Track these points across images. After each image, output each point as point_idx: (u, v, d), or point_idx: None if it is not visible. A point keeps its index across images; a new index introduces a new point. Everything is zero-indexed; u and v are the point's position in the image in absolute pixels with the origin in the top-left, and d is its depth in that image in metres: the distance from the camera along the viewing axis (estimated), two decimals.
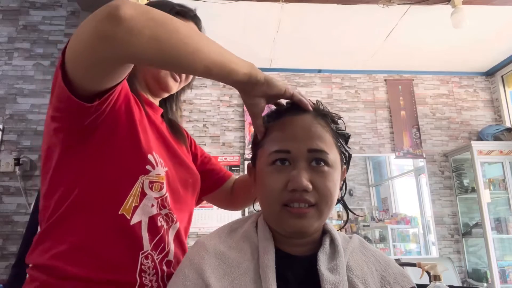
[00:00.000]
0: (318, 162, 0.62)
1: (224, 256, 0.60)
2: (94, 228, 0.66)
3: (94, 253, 0.64)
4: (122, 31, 0.50)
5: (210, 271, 0.57)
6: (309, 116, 0.65)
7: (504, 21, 3.26)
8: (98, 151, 0.67)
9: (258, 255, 0.61)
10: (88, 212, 0.66)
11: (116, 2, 0.51)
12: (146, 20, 0.52)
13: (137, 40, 0.52)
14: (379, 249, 0.92)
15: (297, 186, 0.59)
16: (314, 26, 3.32)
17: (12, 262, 2.17)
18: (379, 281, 0.62)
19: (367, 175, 4.59)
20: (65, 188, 0.67)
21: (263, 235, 0.63)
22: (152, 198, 0.70)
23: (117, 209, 0.67)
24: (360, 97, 4.14)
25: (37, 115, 2.72)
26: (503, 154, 3.65)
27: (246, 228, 0.67)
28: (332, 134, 0.65)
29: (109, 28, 0.50)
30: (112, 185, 0.67)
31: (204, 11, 2.99)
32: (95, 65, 0.56)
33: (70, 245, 0.64)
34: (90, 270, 0.63)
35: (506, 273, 3.42)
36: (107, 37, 0.51)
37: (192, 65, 0.57)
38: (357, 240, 0.69)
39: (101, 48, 0.53)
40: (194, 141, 1.00)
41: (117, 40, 0.51)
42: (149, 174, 0.70)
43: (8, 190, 2.57)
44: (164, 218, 0.73)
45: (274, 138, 0.64)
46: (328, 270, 0.59)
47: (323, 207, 0.61)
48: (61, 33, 2.87)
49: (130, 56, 0.54)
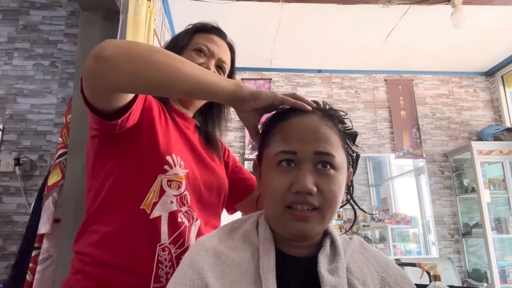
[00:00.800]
0: (324, 165, 0.61)
1: (224, 256, 0.60)
2: (120, 221, 0.75)
3: (119, 243, 0.74)
4: (104, 68, 0.61)
5: (210, 271, 0.57)
6: (316, 116, 0.64)
7: (504, 21, 3.26)
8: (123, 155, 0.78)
9: (258, 255, 0.60)
10: (115, 207, 0.76)
11: (102, 44, 0.62)
12: (126, 58, 0.61)
13: (118, 75, 0.62)
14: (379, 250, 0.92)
15: (302, 189, 0.58)
16: (314, 26, 3.32)
17: (12, 262, 2.17)
18: (379, 283, 0.62)
19: (367, 175, 4.59)
20: (98, 187, 0.78)
21: (263, 235, 0.63)
22: (171, 195, 0.78)
23: (139, 204, 0.75)
24: (360, 97, 4.14)
25: (37, 115, 2.72)
26: (503, 154, 3.65)
27: (247, 228, 0.67)
28: (340, 135, 0.64)
29: (94, 66, 0.62)
30: (134, 183, 0.76)
31: (204, 11, 3.00)
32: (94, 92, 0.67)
33: (101, 235, 0.75)
34: (114, 257, 0.73)
35: (506, 273, 3.42)
36: (94, 72, 0.63)
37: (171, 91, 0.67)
38: (357, 241, 0.69)
39: (92, 80, 0.65)
40: (228, 151, 1.08)
41: (102, 75, 0.62)
42: (167, 173, 0.77)
43: (8, 190, 2.57)
44: (185, 215, 0.79)
45: (281, 138, 0.63)
46: (328, 272, 0.59)
47: (326, 211, 0.60)
48: (61, 33, 2.87)
49: (116, 87, 0.65)
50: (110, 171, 0.78)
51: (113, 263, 0.72)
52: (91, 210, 0.78)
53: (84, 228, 0.79)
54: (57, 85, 2.77)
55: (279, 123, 0.66)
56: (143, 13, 1.81)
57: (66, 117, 1.87)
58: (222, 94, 0.65)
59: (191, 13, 3.08)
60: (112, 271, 0.72)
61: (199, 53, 0.92)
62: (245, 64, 3.90)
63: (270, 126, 0.67)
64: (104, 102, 0.69)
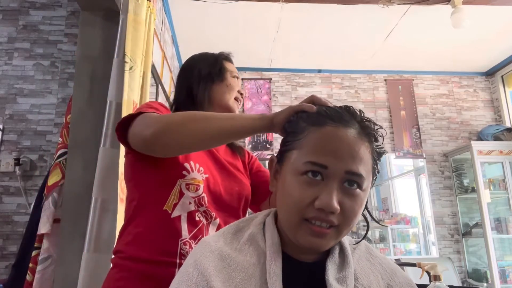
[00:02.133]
0: (351, 183, 0.58)
1: (229, 259, 0.59)
2: (147, 221, 0.88)
3: (147, 240, 0.86)
4: (157, 148, 0.80)
5: (215, 274, 0.56)
6: (354, 131, 0.59)
7: (504, 21, 3.26)
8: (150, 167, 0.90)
9: (265, 259, 0.59)
10: (145, 210, 0.89)
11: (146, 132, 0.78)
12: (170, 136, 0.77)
13: (170, 150, 0.80)
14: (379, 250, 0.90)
15: (326, 207, 0.55)
16: (314, 26, 3.32)
17: (12, 262, 2.17)
18: None
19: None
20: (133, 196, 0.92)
21: (271, 239, 0.62)
22: (189, 197, 0.89)
23: (162, 206, 0.88)
24: (360, 97, 4.14)
25: (37, 115, 2.71)
26: (503, 154, 3.65)
27: (253, 230, 0.65)
28: (372, 154, 0.61)
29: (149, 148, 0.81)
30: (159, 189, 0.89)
31: (204, 11, 3.00)
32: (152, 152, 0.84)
33: (135, 235, 0.87)
34: (146, 253, 0.85)
35: (506, 273, 3.42)
36: (150, 150, 0.82)
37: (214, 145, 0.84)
38: (364, 248, 0.68)
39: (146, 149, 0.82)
40: (255, 158, 1.20)
41: (158, 151, 0.81)
42: (185, 178, 0.89)
43: (8, 190, 2.57)
44: (203, 214, 0.91)
45: (312, 147, 0.59)
46: (336, 281, 0.58)
47: (343, 229, 0.59)
48: (61, 33, 2.87)
49: (171, 155, 0.84)
50: (141, 181, 0.91)
51: (144, 257, 0.84)
52: (128, 216, 0.91)
53: (122, 231, 0.92)
54: (57, 85, 2.77)
55: (312, 127, 0.61)
56: (143, 13, 1.81)
57: (66, 117, 1.87)
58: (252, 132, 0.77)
59: (191, 13, 3.08)
60: (144, 264, 0.84)
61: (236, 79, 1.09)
62: (245, 64, 3.90)
63: (301, 126, 0.63)
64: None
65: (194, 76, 1.05)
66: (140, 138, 0.80)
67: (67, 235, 1.63)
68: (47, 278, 1.64)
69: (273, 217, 0.66)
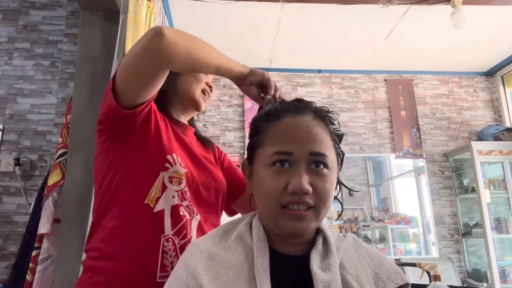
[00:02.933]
0: (317, 164, 0.62)
1: (217, 258, 0.60)
2: (126, 215, 0.81)
3: (125, 236, 0.80)
4: (165, 44, 0.71)
5: (204, 273, 0.58)
6: (309, 117, 0.65)
7: (504, 21, 3.26)
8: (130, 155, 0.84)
9: (252, 256, 0.61)
10: (120, 202, 0.82)
11: (158, 26, 0.71)
12: (180, 37, 0.74)
13: (175, 50, 0.73)
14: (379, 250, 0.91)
15: (298, 189, 0.59)
16: (314, 26, 3.32)
17: (12, 262, 2.17)
18: (372, 278, 0.62)
19: (367, 175, 4.59)
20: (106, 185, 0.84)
21: (257, 235, 0.64)
22: (172, 190, 0.84)
23: (143, 199, 0.82)
24: (360, 97, 4.14)
25: (37, 115, 2.71)
26: (503, 154, 3.65)
27: (240, 229, 0.67)
28: (330, 135, 0.66)
29: (156, 43, 0.71)
30: (138, 180, 0.83)
31: (204, 11, 3.00)
32: (143, 76, 0.77)
33: (109, 230, 0.81)
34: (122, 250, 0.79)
35: (506, 273, 3.42)
36: (154, 49, 0.72)
37: (208, 66, 0.80)
38: (351, 239, 0.70)
39: (149, 57, 0.73)
40: (224, 153, 1.16)
41: (162, 51, 0.72)
42: (168, 170, 0.84)
43: (8, 190, 2.57)
44: (186, 209, 0.86)
45: (275, 139, 0.64)
46: (321, 269, 0.60)
47: (321, 209, 0.62)
48: (61, 33, 2.87)
49: (169, 62, 0.75)
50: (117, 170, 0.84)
51: (120, 255, 0.78)
52: (100, 208, 0.84)
53: (94, 226, 0.85)
54: (57, 85, 2.77)
55: (271, 122, 0.66)
56: (143, 13, 1.81)
57: (66, 117, 1.87)
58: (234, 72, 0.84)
59: (191, 13, 3.08)
60: (120, 263, 0.78)
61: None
62: (245, 64, 3.89)
63: (262, 125, 0.68)
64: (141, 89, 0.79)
65: None
66: (153, 33, 0.71)
67: (67, 235, 1.63)
68: (47, 278, 1.64)
69: (258, 216, 0.69)
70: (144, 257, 0.78)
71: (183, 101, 1.01)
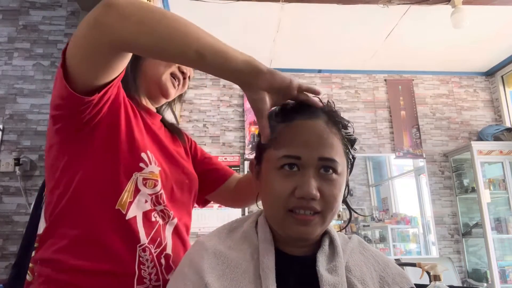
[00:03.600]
0: (326, 169, 0.61)
1: (223, 256, 0.60)
2: (93, 222, 0.69)
3: (94, 245, 0.68)
4: (111, 17, 0.56)
5: (210, 271, 0.57)
6: (321, 121, 0.63)
7: (504, 21, 3.26)
8: (95, 150, 0.71)
9: (258, 255, 0.61)
10: (84, 207, 0.70)
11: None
12: (136, 8, 0.57)
13: (125, 25, 0.56)
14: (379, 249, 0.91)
15: (306, 195, 0.58)
16: (314, 26, 3.32)
17: (12, 262, 2.17)
18: (378, 282, 0.62)
19: (367, 175, 4.59)
20: (64, 185, 0.71)
21: (263, 235, 0.63)
22: (145, 194, 0.74)
23: (114, 204, 0.70)
24: (360, 97, 4.14)
25: (37, 115, 2.71)
26: (503, 154, 3.65)
27: (246, 228, 0.67)
28: (342, 141, 0.65)
29: (101, 15, 0.56)
30: (108, 182, 0.71)
31: (204, 11, 3.00)
32: (91, 54, 0.60)
33: (71, 239, 0.68)
34: (91, 262, 0.67)
35: (506, 273, 3.42)
36: (98, 23, 0.57)
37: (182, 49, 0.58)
38: (356, 241, 0.69)
39: (94, 34, 0.58)
40: (194, 142, 1.03)
41: (107, 26, 0.56)
42: (143, 171, 0.73)
43: (8, 190, 2.57)
44: (159, 214, 0.76)
45: (285, 142, 0.62)
46: (327, 271, 0.59)
47: (327, 214, 0.61)
48: (61, 33, 2.87)
49: (120, 40, 0.58)
50: (77, 170, 0.70)
51: (88, 267, 0.67)
52: (56, 212, 0.71)
53: (48, 234, 0.71)
54: None
55: (282, 124, 0.64)
56: None
57: None
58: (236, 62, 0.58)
59: (191, 13, 3.08)
60: (88, 276, 0.67)
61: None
62: None
63: (272, 125, 0.65)
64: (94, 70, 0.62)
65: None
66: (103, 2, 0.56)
67: None
68: None
69: (265, 216, 0.68)
70: (118, 269, 0.68)
71: (150, 85, 0.87)
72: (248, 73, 0.59)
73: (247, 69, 0.59)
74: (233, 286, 0.56)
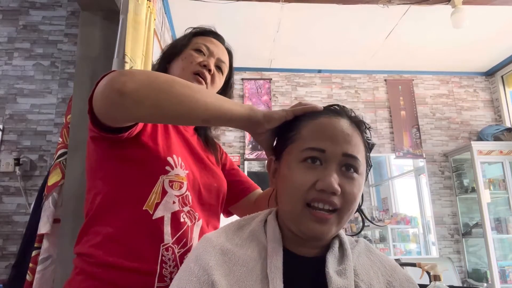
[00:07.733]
0: (348, 168, 0.61)
1: (230, 254, 0.60)
2: (122, 222, 0.76)
3: (122, 243, 0.74)
4: (127, 102, 0.62)
5: (216, 268, 0.57)
6: (346, 120, 0.64)
7: (504, 21, 3.26)
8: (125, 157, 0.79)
9: (266, 254, 0.60)
10: (117, 208, 0.77)
11: (122, 77, 0.63)
12: (148, 91, 0.63)
13: (140, 109, 0.64)
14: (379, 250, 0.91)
15: (327, 187, 0.58)
16: (314, 26, 3.32)
17: (12, 262, 2.17)
18: (385, 286, 0.61)
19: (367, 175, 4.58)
20: (100, 188, 0.79)
21: (272, 234, 0.63)
22: (173, 195, 0.79)
23: (141, 205, 0.76)
24: (360, 97, 4.14)
25: (37, 115, 2.72)
26: (503, 154, 3.65)
27: (254, 226, 0.66)
28: (364, 143, 0.65)
29: (117, 99, 0.63)
30: (136, 185, 0.78)
31: (204, 11, 3.00)
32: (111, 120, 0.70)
33: (104, 236, 0.75)
34: (118, 258, 0.73)
35: (506, 273, 3.42)
36: (116, 105, 0.64)
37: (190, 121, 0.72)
38: (363, 245, 0.68)
39: (113, 111, 0.66)
40: (225, 153, 1.09)
41: (124, 108, 0.64)
42: (169, 174, 0.79)
43: (8, 190, 2.57)
44: (187, 215, 0.80)
45: (310, 135, 0.63)
46: (336, 273, 0.59)
47: (344, 214, 0.60)
48: (61, 33, 2.87)
49: (136, 119, 0.70)
50: (111, 173, 0.79)
51: (116, 264, 0.73)
52: (92, 212, 0.79)
53: (85, 230, 0.79)
54: (57, 85, 2.77)
55: (307, 120, 0.65)
56: (143, 13, 1.81)
57: (66, 117, 1.87)
58: (238, 120, 0.68)
59: (191, 13, 3.08)
60: (116, 271, 0.72)
61: (198, 52, 0.94)
62: (245, 64, 3.90)
63: (295, 122, 0.66)
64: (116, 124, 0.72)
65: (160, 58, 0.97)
66: (115, 88, 0.62)
67: (67, 235, 1.63)
68: (47, 278, 1.64)
69: (274, 215, 0.67)
70: (142, 267, 0.73)
71: None
72: (249, 127, 0.69)
73: (248, 123, 0.69)
74: (240, 284, 0.55)
